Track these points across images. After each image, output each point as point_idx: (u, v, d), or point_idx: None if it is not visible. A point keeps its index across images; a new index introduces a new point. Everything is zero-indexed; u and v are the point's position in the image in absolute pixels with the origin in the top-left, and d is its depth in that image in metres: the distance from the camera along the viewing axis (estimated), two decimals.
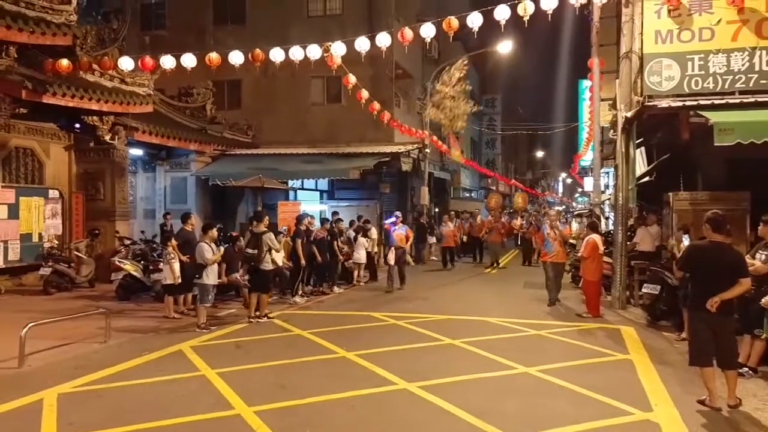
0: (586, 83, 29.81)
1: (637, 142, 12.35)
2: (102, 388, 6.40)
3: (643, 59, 10.80)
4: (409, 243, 15.55)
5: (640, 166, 14.72)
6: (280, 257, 11.52)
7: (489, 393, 6.26)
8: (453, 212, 22.74)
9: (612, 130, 17.54)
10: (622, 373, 7.00)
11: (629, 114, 10.86)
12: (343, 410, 5.73)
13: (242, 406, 5.65)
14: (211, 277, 9.51)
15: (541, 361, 7.36)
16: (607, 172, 23.57)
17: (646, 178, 14.78)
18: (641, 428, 5.23)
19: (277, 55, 12.08)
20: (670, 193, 11.65)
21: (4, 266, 13.07)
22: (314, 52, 11.88)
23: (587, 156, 27.09)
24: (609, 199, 22.16)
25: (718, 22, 10.41)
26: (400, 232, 14.61)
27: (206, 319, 9.52)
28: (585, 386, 6.30)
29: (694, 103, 10.21)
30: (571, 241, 17.13)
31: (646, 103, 10.44)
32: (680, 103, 10.36)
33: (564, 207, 52.66)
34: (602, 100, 15.28)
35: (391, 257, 14.17)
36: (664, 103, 10.44)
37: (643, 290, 10.02)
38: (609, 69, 15.42)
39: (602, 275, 10.94)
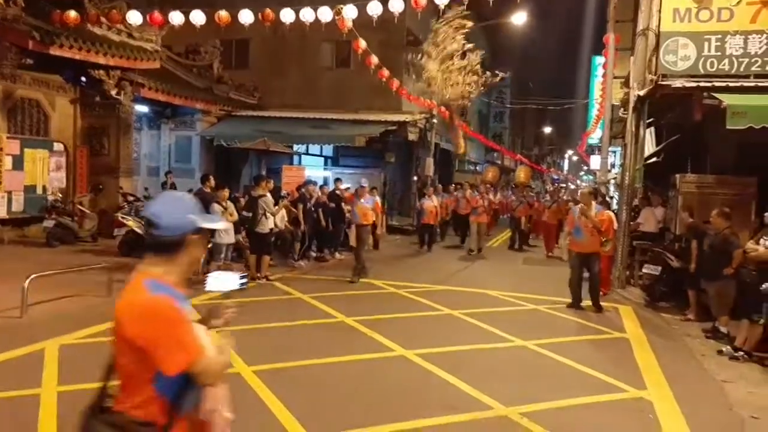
0: (599, 60, 29.40)
1: (647, 121, 12.20)
2: (104, 340, 6.46)
3: (659, 37, 10.60)
4: (379, 219, 13.65)
5: (649, 146, 14.60)
6: (280, 220, 11.54)
7: (485, 364, 6.33)
8: (439, 184, 20.35)
9: (622, 109, 17.34)
10: (618, 351, 7.06)
11: (642, 92, 10.72)
12: (341, 373, 5.80)
13: (241, 365, 5.71)
14: (223, 236, 9.56)
15: (538, 335, 7.42)
16: (614, 151, 23.40)
17: (654, 159, 14.67)
18: (634, 405, 5.29)
19: (287, 15, 11.90)
20: (677, 175, 11.56)
21: (7, 217, 13.09)
22: (325, 14, 11.69)
23: (595, 134, 26.84)
24: (615, 178, 22.04)
25: (738, 2, 10.19)
26: (365, 206, 11.84)
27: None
28: (580, 362, 6.35)
29: (709, 84, 10.05)
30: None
31: (660, 82, 10.29)
32: (694, 84, 10.19)
33: (566, 185, 52.23)
34: (615, 77, 15.06)
35: (352, 237, 11.57)
36: (678, 83, 10.27)
37: (644, 270, 10.04)
38: (624, 46, 15.19)
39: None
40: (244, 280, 2.40)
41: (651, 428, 4.81)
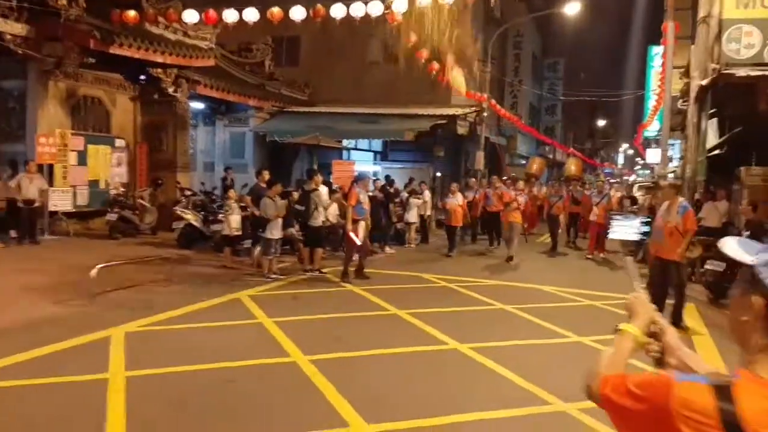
0: (656, 49, 28.47)
1: (709, 112, 11.75)
2: (168, 328, 6.70)
3: (722, 24, 10.20)
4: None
5: (711, 138, 14.05)
6: (333, 214, 11.65)
7: (541, 359, 6.23)
8: (472, 179, 17.67)
9: (681, 100, 16.76)
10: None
11: (704, 82, 10.35)
12: (395, 364, 5.83)
13: (298, 354, 5.82)
14: (274, 231, 9.74)
15: (594, 331, 7.25)
16: (673, 144, 22.64)
17: (717, 151, 14.12)
18: None
19: (337, 11, 11.99)
20: (742, 168, 11.11)
21: (73, 210, 13.68)
22: (375, 8, 11.73)
23: (652, 126, 26.02)
24: (674, 171, 21.29)
25: None
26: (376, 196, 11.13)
27: (270, 269, 9.83)
28: (641, 359, 6.16)
29: None
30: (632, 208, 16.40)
31: (723, 71, 9.90)
32: (760, 73, 9.78)
33: (620, 179, 50.64)
34: (674, 67, 14.56)
35: (360, 233, 10.26)
36: (742, 72, 9.87)
37: (707, 267, 9.67)
38: (683, 35, 14.67)
39: None
40: (647, 229, 2.22)
41: None
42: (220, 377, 5.25)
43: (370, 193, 12.58)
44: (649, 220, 6.87)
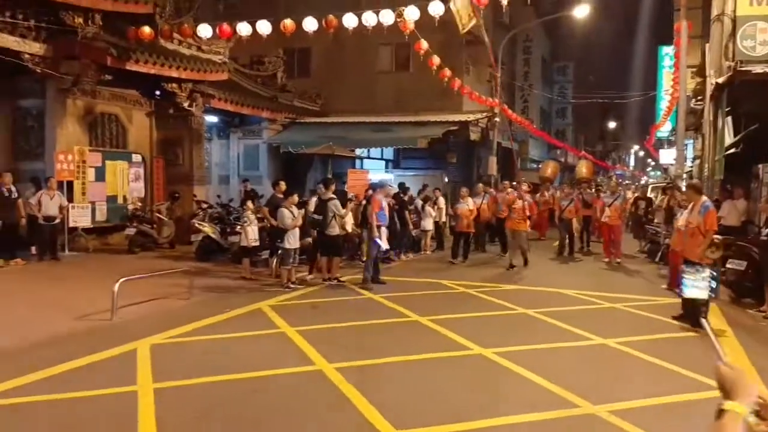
0: (666, 50, 28.34)
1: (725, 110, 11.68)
2: (191, 340, 6.75)
3: (735, 22, 10.17)
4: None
5: (726, 136, 13.94)
6: (349, 224, 11.68)
7: (566, 362, 6.21)
8: (479, 185, 16.82)
9: (695, 99, 16.68)
10: (706, 349, 6.74)
11: (720, 80, 10.29)
12: (420, 371, 5.83)
13: (323, 363, 5.84)
14: (291, 241, 9.80)
15: (618, 333, 7.21)
16: (686, 144, 22.47)
17: (732, 150, 13.99)
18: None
19: (349, 20, 12.06)
20: (760, 165, 11.01)
21: (91, 226, 13.82)
22: (387, 17, 11.80)
23: (665, 127, 25.85)
24: (689, 171, 21.14)
25: None
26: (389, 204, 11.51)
27: (289, 279, 9.90)
28: (666, 360, 6.13)
29: None
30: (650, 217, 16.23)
31: (739, 68, 9.84)
32: None
33: (630, 180, 50.17)
34: (687, 67, 14.50)
35: (384, 240, 10.59)
36: (759, 69, 9.81)
37: (728, 266, 9.58)
38: (694, 34, 14.59)
39: None
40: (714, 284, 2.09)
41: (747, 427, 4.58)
42: (247, 387, 5.28)
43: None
44: (714, 273, 6.74)
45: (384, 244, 10.43)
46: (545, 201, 19.15)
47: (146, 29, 12.65)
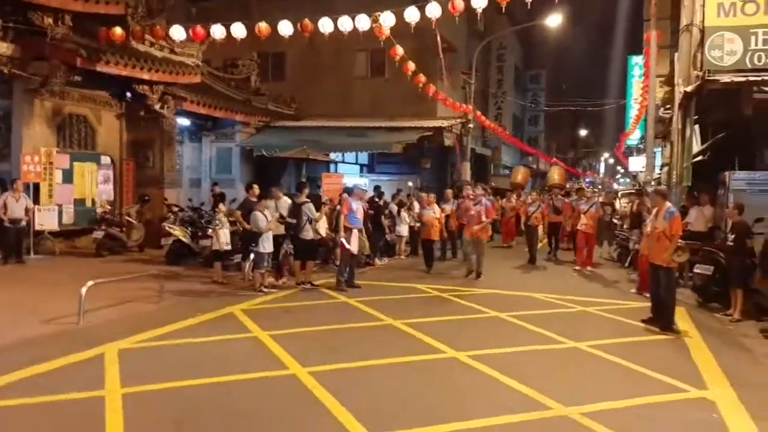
0: (636, 59, 28.94)
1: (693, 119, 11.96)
2: (161, 344, 6.62)
3: (704, 32, 10.43)
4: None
5: (695, 144, 14.27)
6: (323, 227, 11.62)
7: (539, 364, 6.25)
8: (448, 190, 16.41)
9: (663, 108, 17.03)
10: (675, 352, 6.89)
11: (689, 89, 10.52)
12: (394, 374, 5.80)
13: (296, 367, 5.78)
14: (266, 245, 9.70)
15: (589, 336, 7.29)
16: (654, 152, 22.92)
17: (699, 157, 14.32)
18: (697, 406, 5.14)
19: (325, 25, 12.03)
20: (727, 173, 11.28)
21: (58, 229, 13.48)
22: (363, 22, 11.79)
23: (634, 135, 26.37)
24: (658, 177, 21.56)
25: None
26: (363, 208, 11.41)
27: (262, 283, 9.81)
28: (637, 363, 6.22)
29: (758, 78, 9.82)
30: (615, 220, 16.45)
31: (708, 77, 10.08)
32: (743, 78, 9.98)
33: (600, 187, 50.78)
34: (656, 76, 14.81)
35: (354, 242, 10.41)
36: (726, 78, 10.06)
37: (695, 270, 9.79)
38: (663, 44, 14.92)
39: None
40: None
41: (716, 428, 4.67)
42: (218, 391, 5.18)
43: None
44: None
45: (354, 248, 10.39)
46: (512, 207, 18.94)
47: (117, 30, 12.42)
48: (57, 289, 9.22)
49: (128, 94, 15.25)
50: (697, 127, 15.51)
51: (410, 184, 20.98)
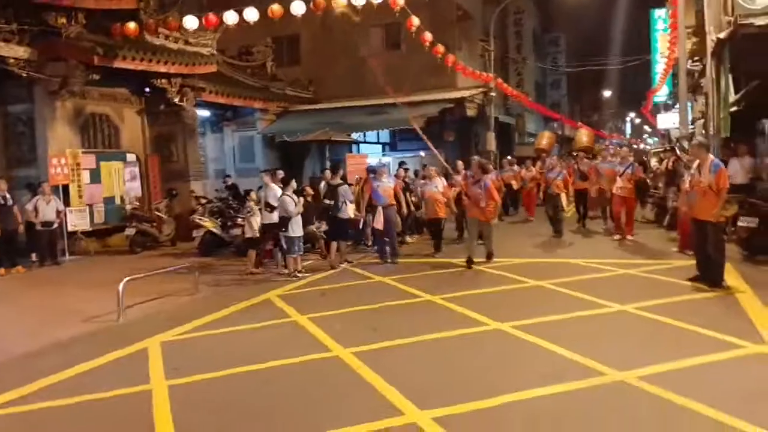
0: (658, 12, 28.00)
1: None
2: (201, 335, 6.61)
3: None
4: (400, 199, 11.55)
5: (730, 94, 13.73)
6: (351, 209, 11.51)
7: (586, 331, 6.06)
8: (459, 161, 13.88)
9: (691, 60, 16.41)
10: (727, 308, 6.64)
11: (722, 35, 10.05)
12: (438, 350, 5.69)
13: (338, 348, 5.70)
14: (296, 229, 9.65)
15: (636, 298, 7.06)
16: (686, 106, 22.22)
17: (734, 108, 13.79)
18: (757, 360, 4.93)
19: (339, 0, 11.81)
20: (765, 121, 10.82)
21: (90, 229, 13.60)
22: None
23: (662, 91, 25.56)
24: (692, 132, 20.87)
25: None
26: (388, 186, 10.90)
27: (296, 268, 9.77)
28: (689, 322, 6.00)
29: None
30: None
31: (741, 22, 9.61)
32: None
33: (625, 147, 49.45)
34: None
35: (380, 220, 10.37)
36: (760, 21, 9.58)
37: (739, 224, 9.43)
38: None
39: None
40: None
41: None
42: (262, 378, 5.14)
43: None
44: None
45: (378, 224, 10.66)
46: (532, 177, 17.03)
47: (131, 25, 12.35)
48: (95, 288, 9.29)
49: (147, 89, 15.22)
50: (729, 76, 14.93)
51: (421, 153, 20.53)
